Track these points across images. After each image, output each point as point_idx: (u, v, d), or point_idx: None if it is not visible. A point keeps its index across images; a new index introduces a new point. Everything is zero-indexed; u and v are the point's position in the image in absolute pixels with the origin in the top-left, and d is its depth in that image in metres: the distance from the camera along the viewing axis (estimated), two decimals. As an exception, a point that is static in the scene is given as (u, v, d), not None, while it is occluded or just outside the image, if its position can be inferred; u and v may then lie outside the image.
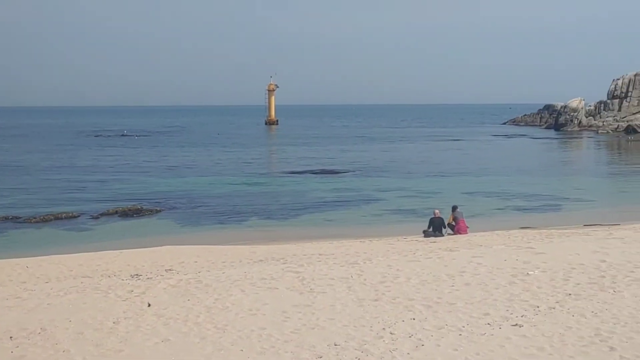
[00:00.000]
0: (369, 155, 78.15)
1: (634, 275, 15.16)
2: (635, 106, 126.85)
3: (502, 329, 11.95)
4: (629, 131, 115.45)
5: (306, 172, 59.25)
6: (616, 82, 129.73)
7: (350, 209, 40.02)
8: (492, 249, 19.45)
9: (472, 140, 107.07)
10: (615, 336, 11.31)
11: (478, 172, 58.82)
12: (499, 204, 40.94)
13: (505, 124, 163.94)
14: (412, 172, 59.37)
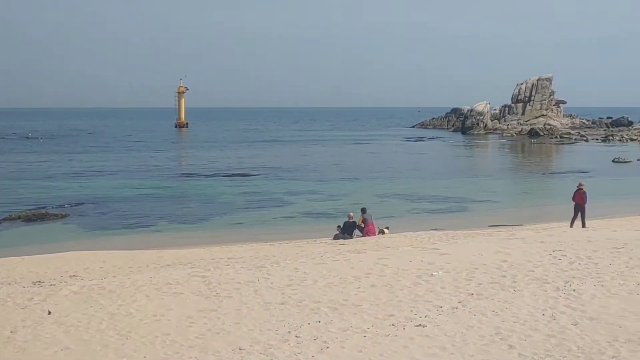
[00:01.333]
0: (280, 158, 78.20)
1: (533, 275, 15.57)
2: (538, 110, 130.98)
3: (406, 329, 12.08)
4: (532, 134, 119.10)
5: (216, 175, 58.91)
6: (520, 87, 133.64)
7: (261, 212, 39.94)
8: (399, 251, 19.66)
9: (383, 143, 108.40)
10: (515, 334, 11.57)
11: (388, 175, 59.57)
12: (408, 206, 41.55)
13: (414, 127, 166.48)
14: (323, 175, 59.67)
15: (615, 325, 11.77)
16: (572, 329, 11.73)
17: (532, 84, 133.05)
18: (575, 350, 10.71)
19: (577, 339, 11.20)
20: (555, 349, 10.84)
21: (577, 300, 13.39)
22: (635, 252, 18.02)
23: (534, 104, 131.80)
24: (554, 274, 15.61)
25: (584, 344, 10.99)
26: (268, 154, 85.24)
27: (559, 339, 11.23)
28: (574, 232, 24.37)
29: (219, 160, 74.98)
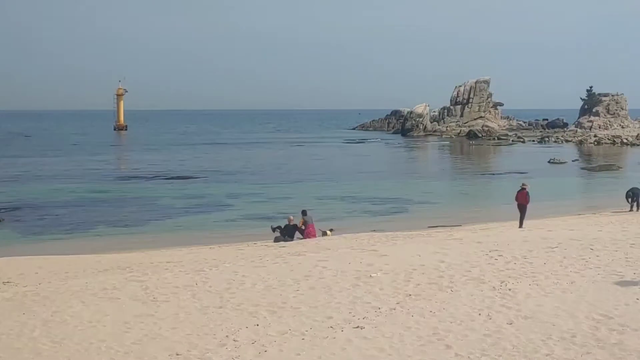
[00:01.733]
0: (221, 160, 77.76)
1: (470, 275, 15.76)
2: (476, 112, 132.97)
3: (344, 331, 12.10)
4: (470, 136, 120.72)
5: (156, 178, 58.27)
6: (458, 89, 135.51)
7: (201, 215, 39.64)
8: (338, 253, 19.71)
9: (324, 146, 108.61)
10: (452, 334, 11.68)
11: (329, 177, 59.71)
12: (349, 208, 41.71)
13: (355, 129, 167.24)
14: (264, 177, 59.52)
15: (549, 324, 11.98)
16: (507, 328, 11.90)
17: (471, 86, 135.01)
18: (511, 349, 10.86)
19: (512, 338, 11.37)
20: (491, 348, 10.97)
21: (513, 299, 13.60)
22: (568, 252, 18.40)
23: (472, 106, 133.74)
24: (491, 274, 15.84)
25: (518, 342, 11.15)
26: (208, 156, 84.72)
27: (494, 338, 11.38)
28: (510, 232, 24.79)
29: (158, 163, 74.20)
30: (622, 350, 10.57)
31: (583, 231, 24.35)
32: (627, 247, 19.16)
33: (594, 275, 15.48)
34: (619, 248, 19.05)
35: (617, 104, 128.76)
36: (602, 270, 15.92)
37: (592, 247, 19.23)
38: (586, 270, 16.06)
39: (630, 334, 11.31)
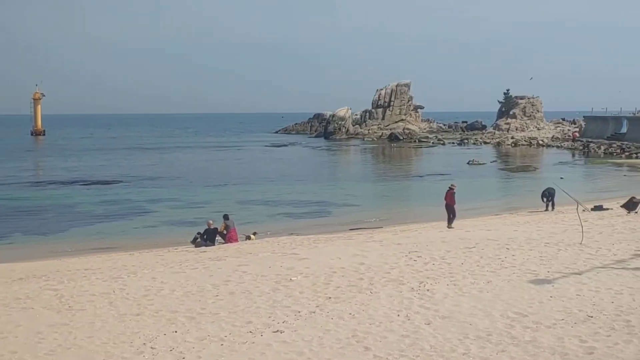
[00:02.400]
0: (142, 165, 76.58)
1: (389, 276, 15.90)
2: (397, 115, 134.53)
3: (263, 336, 12.04)
4: (392, 138, 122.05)
5: (74, 183, 57.01)
6: (380, 92, 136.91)
7: (122, 220, 38.92)
8: (259, 257, 19.64)
9: (247, 149, 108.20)
10: (370, 336, 11.73)
11: (252, 181, 59.42)
12: (272, 212, 41.56)
13: (278, 133, 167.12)
14: (186, 182, 58.85)
15: (466, 323, 12.15)
16: (425, 328, 12.02)
17: (392, 89, 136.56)
18: (428, 349, 10.97)
19: (430, 338, 11.49)
20: (409, 348, 11.06)
21: (431, 299, 13.76)
22: (485, 252, 18.76)
23: (394, 109, 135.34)
24: (409, 275, 16.01)
25: (436, 342, 11.28)
26: (129, 161, 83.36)
27: (412, 339, 11.48)
28: (429, 233, 25.14)
29: (77, 168, 72.60)
30: (535, 347, 10.78)
31: (500, 231, 24.88)
32: (542, 246, 19.64)
33: (510, 274, 15.81)
34: (534, 247, 19.52)
35: (533, 107, 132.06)
36: (518, 269, 16.27)
37: (508, 247, 19.66)
38: (502, 269, 16.39)
39: (543, 331, 11.56)
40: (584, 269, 16.08)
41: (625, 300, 13.13)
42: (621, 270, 15.93)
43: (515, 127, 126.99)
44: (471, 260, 17.63)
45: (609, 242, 20.22)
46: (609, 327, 11.58)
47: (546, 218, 30.24)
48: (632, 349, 10.47)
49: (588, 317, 12.15)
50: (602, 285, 14.40)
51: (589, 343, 10.84)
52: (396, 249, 19.73)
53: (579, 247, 19.33)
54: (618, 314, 12.27)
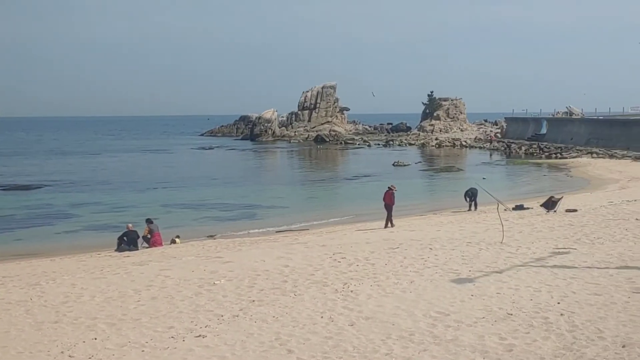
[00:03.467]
0: (64, 169, 74.85)
1: (313, 278, 15.89)
2: (323, 117, 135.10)
3: (185, 341, 11.87)
4: (318, 140, 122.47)
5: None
6: (306, 94, 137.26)
7: (43, 226, 37.95)
8: (182, 261, 19.42)
9: (172, 152, 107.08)
10: (294, 338, 11.69)
11: (177, 184, 58.74)
12: (197, 215, 41.16)
13: (204, 135, 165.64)
14: (109, 186, 57.79)
15: (389, 324, 12.22)
16: (348, 329, 12.03)
17: (318, 91, 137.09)
18: (351, 351, 10.98)
19: (353, 339, 11.50)
20: (333, 350, 11.05)
21: (355, 301, 13.80)
22: (409, 252, 18.93)
23: (320, 111, 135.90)
24: (334, 277, 16.03)
25: (359, 343, 11.30)
26: (51, 165, 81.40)
27: (336, 340, 11.48)
28: (354, 235, 25.27)
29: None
30: (457, 346, 10.90)
31: (423, 231, 25.18)
32: (464, 246, 19.94)
33: (432, 274, 15.98)
34: (456, 247, 19.80)
35: (456, 108, 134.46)
36: (440, 269, 16.47)
37: (431, 247, 19.88)
38: (425, 269, 16.56)
39: (465, 329, 11.70)
40: (504, 268, 16.37)
41: (544, 298, 13.40)
42: (540, 268, 16.27)
43: (439, 129, 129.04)
44: (395, 260, 17.77)
45: (528, 241, 20.65)
46: (528, 324, 11.79)
47: (469, 218, 30.72)
48: (549, 346, 10.68)
49: (508, 315, 12.35)
50: (522, 283, 14.68)
51: (508, 340, 11.01)
52: (321, 251, 19.76)
53: (499, 246, 19.69)
54: (537, 311, 12.51)
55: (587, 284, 14.34)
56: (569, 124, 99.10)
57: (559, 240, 20.58)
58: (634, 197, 34.82)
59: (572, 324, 11.68)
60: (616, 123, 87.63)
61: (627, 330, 11.22)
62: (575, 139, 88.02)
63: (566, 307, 12.71)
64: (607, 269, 15.91)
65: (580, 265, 16.48)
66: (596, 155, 73.81)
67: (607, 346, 10.50)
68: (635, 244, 19.45)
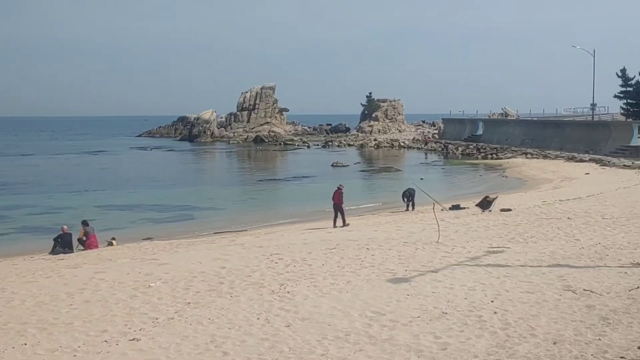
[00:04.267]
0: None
1: (250, 280, 15.82)
2: (262, 117, 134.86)
3: (119, 345, 11.68)
4: (257, 141, 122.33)
5: None
6: (244, 95, 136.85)
7: (-28, 230, 36.95)
8: (117, 263, 19.14)
9: (109, 153, 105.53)
10: (230, 340, 11.60)
11: (114, 186, 57.92)
12: (135, 217, 40.62)
13: (141, 136, 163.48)
14: (43, 188, 56.62)
15: (325, 324, 12.22)
16: (285, 330, 12.00)
17: (257, 92, 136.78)
18: (287, 352, 10.94)
19: (290, 340, 11.47)
20: (268, 351, 11.00)
21: (291, 302, 13.77)
22: (346, 252, 19.00)
23: (259, 112, 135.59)
24: (270, 278, 15.99)
25: (295, 344, 11.27)
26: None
27: (272, 342, 11.43)
28: (291, 235, 25.24)
29: None
30: (392, 345, 10.96)
31: (361, 232, 25.30)
32: (400, 246, 20.10)
33: (369, 274, 16.06)
34: (393, 247, 19.95)
35: (394, 109, 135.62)
36: (377, 269, 16.56)
37: (368, 247, 20.00)
38: (362, 269, 16.64)
39: (400, 329, 11.77)
40: (440, 267, 16.54)
41: (478, 296, 13.57)
42: (475, 267, 16.49)
43: (377, 130, 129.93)
44: (332, 261, 17.81)
45: (464, 240, 20.92)
46: (462, 322, 11.93)
47: (406, 218, 30.97)
48: (483, 344, 10.81)
49: (443, 314, 12.48)
50: (457, 282, 14.85)
51: (443, 339, 11.12)
52: (258, 252, 19.69)
53: (435, 246, 19.89)
54: (471, 310, 12.66)
55: (520, 282, 14.59)
56: (505, 125, 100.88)
57: (494, 240, 20.90)
58: (567, 197, 35.58)
59: (505, 321, 11.85)
60: (550, 124, 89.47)
61: (558, 327, 11.43)
62: (511, 140, 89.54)
63: (500, 305, 12.90)
64: (539, 267, 16.21)
65: (514, 263, 16.75)
66: (530, 156, 75.14)
67: (538, 343, 10.68)
68: (567, 242, 19.87)
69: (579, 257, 17.37)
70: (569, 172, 58.10)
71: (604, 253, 17.88)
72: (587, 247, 18.92)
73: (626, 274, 15.19)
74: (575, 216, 25.80)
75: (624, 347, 10.35)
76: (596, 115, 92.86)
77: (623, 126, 73.67)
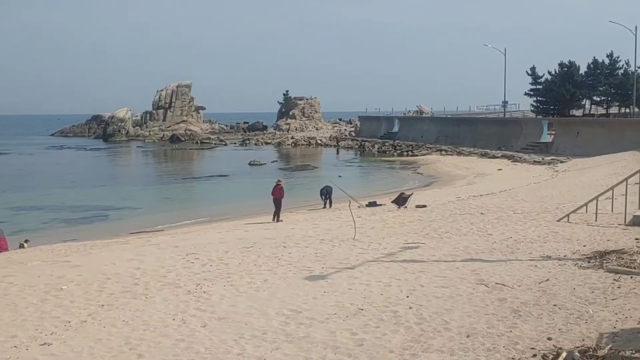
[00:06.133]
0: None
1: (165, 280, 15.60)
2: (178, 116, 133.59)
3: (29, 350, 11.33)
4: (173, 140, 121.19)
5: None
6: (160, 93, 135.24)
7: None
8: (27, 266, 18.60)
9: (19, 153, 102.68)
10: (144, 342, 11.40)
11: (24, 186, 56.43)
12: (47, 218, 39.71)
13: (54, 135, 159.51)
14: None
15: (242, 323, 12.14)
16: (201, 330, 11.87)
17: (172, 90, 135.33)
18: (203, 352, 10.83)
19: (206, 340, 11.35)
20: (184, 352, 10.86)
21: (207, 301, 13.64)
22: (263, 251, 18.96)
23: (175, 110, 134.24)
24: (186, 278, 15.81)
25: (211, 344, 11.16)
26: None
27: (187, 343, 11.29)
28: (208, 235, 25.04)
29: None
30: (309, 343, 10.97)
31: (278, 230, 25.30)
32: (317, 243, 20.16)
33: (286, 272, 16.05)
34: (310, 244, 19.99)
35: (311, 107, 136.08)
36: (294, 267, 16.56)
37: (285, 245, 19.99)
38: (279, 267, 16.61)
39: (317, 326, 11.79)
40: (356, 264, 16.66)
41: (394, 292, 13.72)
42: (390, 263, 16.67)
43: (295, 128, 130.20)
44: (249, 259, 17.73)
45: (380, 237, 21.12)
46: (378, 318, 12.03)
47: (323, 215, 31.09)
48: (398, 338, 10.93)
49: (359, 310, 12.56)
50: (373, 278, 14.97)
51: (359, 335, 11.19)
52: (174, 252, 19.44)
53: (352, 243, 20.02)
54: (387, 305, 12.79)
55: (435, 277, 14.81)
56: (420, 122, 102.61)
57: (409, 235, 21.17)
58: (480, 193, 36.36)
59: (420, 316, 12.01)
60: (463, 121, 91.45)
61: (471, 320, 11.66)
62: (426, 137, 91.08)
63: (415, 300, 13.07)
64: (453, 262, 16.49)
65: (429, 259, 17.01)
66: (445, 153, 76.58)
67: (452, 337, 10.86)
68: (480, 237, 20.28)
69: (491, 252, 17.75)
70: (482, 168, 59.45)
71: (515, 247, 18.32)
72: (499, 241, 19.35)
73: (536, 267, 15.60)
74: (488, 211, 26.36)
75: (534, 338, 10.62)
76: (508, 113, 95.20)
77: (533, 123, 75.92)
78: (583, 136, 63.42)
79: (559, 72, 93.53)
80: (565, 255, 16.93)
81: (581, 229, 20.84)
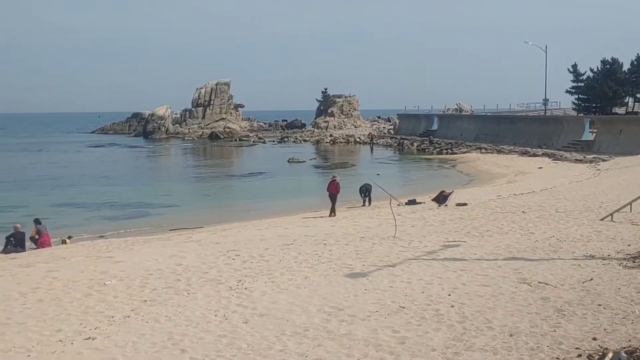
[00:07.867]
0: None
1: (207, 276, 15.70)
2: (217, 114, 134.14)
3: (74, 344, 11.49)
4: (213, 137, 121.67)
5: None
6: (199, 91, 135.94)
7: None
8: (71, 262, 18.85)
9: (62, 150, 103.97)
10: (187, 338, 11.48)
11: (67, 183, 57.20)
12: (89, 214, 40.13)
13: (95, 133, 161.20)
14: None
15: (283, 320, 12.17)
16: (242, 327, 11.92)
17: (212, 88, 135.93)
18: (245, 348, 10.87)
19: (248, 337, 11.40)
20: (226, 348, 10.92)
21: (249, 298, 13.70)
22: (303, 248, 18.97)
23: (214, 108, 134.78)
24: (228, 274, 15.89)
25: (253, 340, 11.20)
26: None
27: (230, 338, 11.35)
28: (248, 231, 25.14)
29: None
30: (350, 340, 10.96)
31: (318, 227, 25.29)
32: (357, 241, 20.13)
33: (327, 269, 16.05)
34: (350, 242, 19.97)
35: (350, 105, 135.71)
36: (334, 264, 16.55)
37: (325, 242, 19.99)
38: (319, 264, 16.62)
39: (358, 323, 11.78)
40: (397, 262, 16.60)
41: (435, 290, 13.65)
42: (431, 261, 16.58)
43: (333, 125, 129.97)
44: (289, 256, 17.77)
45: (420, 235, 21.03)
46: (420, 316, 11.98)
47: (363, 213, 31.06)
48: (441, 337, 10.87)
49: (400, 308, 12.51)
50: (414, 276, 14.91)
51: (401, 333, 11.15)
52: (215, 248, 19.56)
53: (392, 241, 19.96)
54: (428, 304, 12.72)
55: (477, 276, 14.71)
56: (459, 120, 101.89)
57: (450, 234, 21.05)
58: (521, 191, 36.02)
59: (462, 315, 11.94)
60: (503, 119, 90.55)
61: (514, 319, 11.55)
62: (465, 135, 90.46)
63: (457, 298, 12.99)
64: (495, 260, 16.36)
65: (470, 257, 16.89)
66: (485, 151, 75.95)
67: (495, 335, 10.77)
68: (522, 235, 20.10)
69: (533, 250, 17.58)
70: (522, 166, 58.87)
71: (557, 246, 18.13)
72: (542, 240, 19.17)
73: (579, 266, 15.42)
74: (529, 210, 26.11)
75: (579, 338, 10.49)
76: (548, 111, 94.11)
77: (575, 121, 74.95)
78: (626, 134, 62.39)
79: (601, 69, 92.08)
80: (609, 254, 16.72)
81: (625, 228, 20.56)
